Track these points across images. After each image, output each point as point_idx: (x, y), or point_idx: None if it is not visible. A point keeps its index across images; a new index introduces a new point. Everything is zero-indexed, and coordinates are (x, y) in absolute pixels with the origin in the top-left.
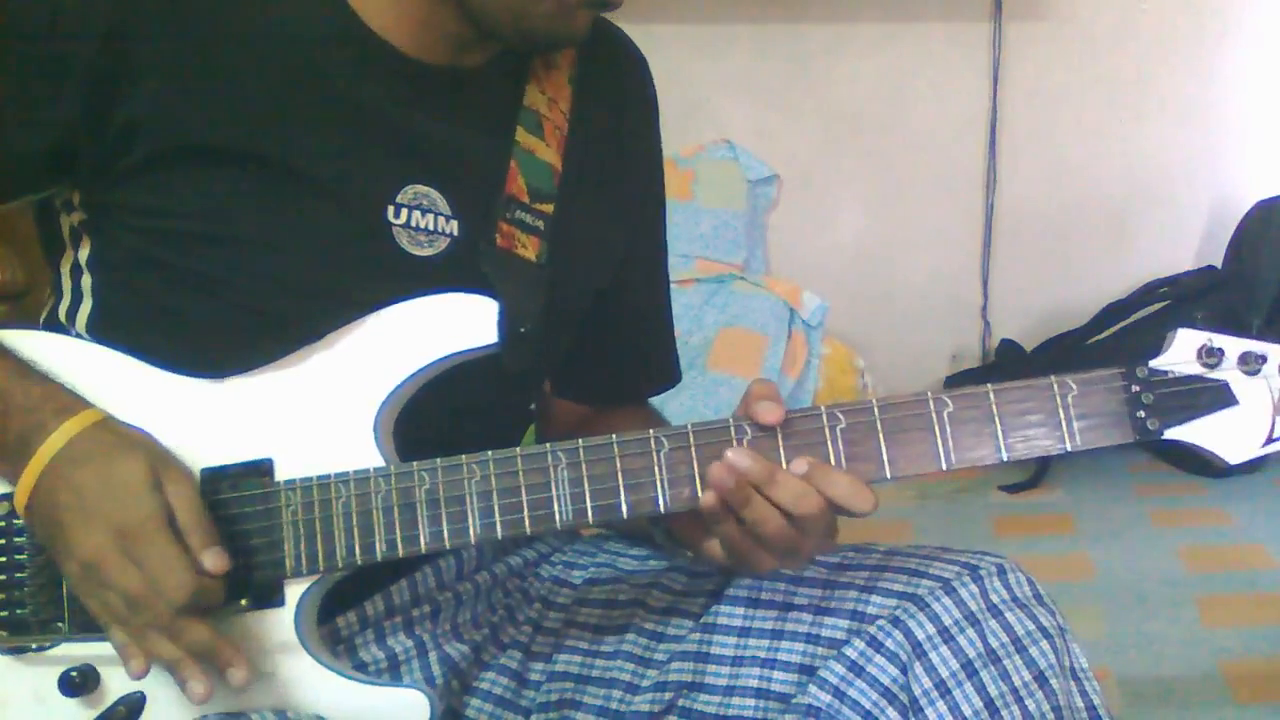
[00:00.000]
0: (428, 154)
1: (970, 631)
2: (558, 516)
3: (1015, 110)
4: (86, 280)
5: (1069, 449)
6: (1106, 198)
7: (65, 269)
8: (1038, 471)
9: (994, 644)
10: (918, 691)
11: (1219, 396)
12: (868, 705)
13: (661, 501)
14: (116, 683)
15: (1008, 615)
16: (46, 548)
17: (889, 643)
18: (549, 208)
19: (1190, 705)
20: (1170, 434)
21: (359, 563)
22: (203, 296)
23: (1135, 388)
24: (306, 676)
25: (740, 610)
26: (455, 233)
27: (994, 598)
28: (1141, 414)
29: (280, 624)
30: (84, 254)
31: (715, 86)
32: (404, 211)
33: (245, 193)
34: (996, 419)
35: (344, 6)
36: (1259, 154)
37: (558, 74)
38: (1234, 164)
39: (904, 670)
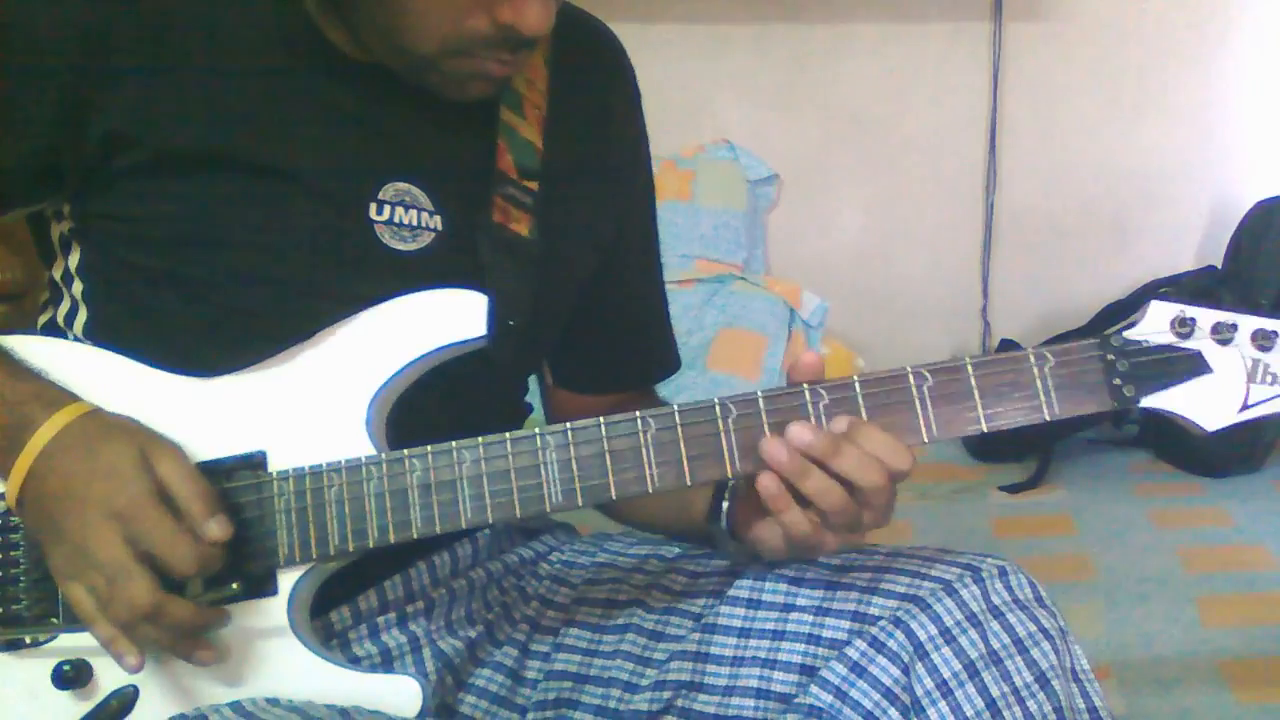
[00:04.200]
0: (406, 151)
1: (972, 632)
2: (548, 500)
3: (1015, 110)
4: (78, 287)
5: (1047, 418)
6: (1106, 198)
7: (57, 276)
8: (1038, 471)
9: (996, 645)
10: (919, 692)
11: (1193, 365)
12: (869, 706)
13: (649, 482)
14: (109, 677)
15: (1009, 616)
16: (37, 540)
17: (891, 643)
18: (534, 185)
19: (1190, 706)
20: (1147, 401)
21: (351, 549)
22: (189, 299)
23: (1110, 356)
24: (299, 665)
25: (741, 611)
26: (439, 227)
27: (995, 599)
28: (1118, 382)
29: (273, 612)
30: (74, 261)
31: (715, 86)
32: (386, 208)
33: (226, 196)
34: (975, 391)
35: (309, 23)
36: (1259, 154)
37: (535, 55)
38: (1234, 164)
39: (906, 671)
